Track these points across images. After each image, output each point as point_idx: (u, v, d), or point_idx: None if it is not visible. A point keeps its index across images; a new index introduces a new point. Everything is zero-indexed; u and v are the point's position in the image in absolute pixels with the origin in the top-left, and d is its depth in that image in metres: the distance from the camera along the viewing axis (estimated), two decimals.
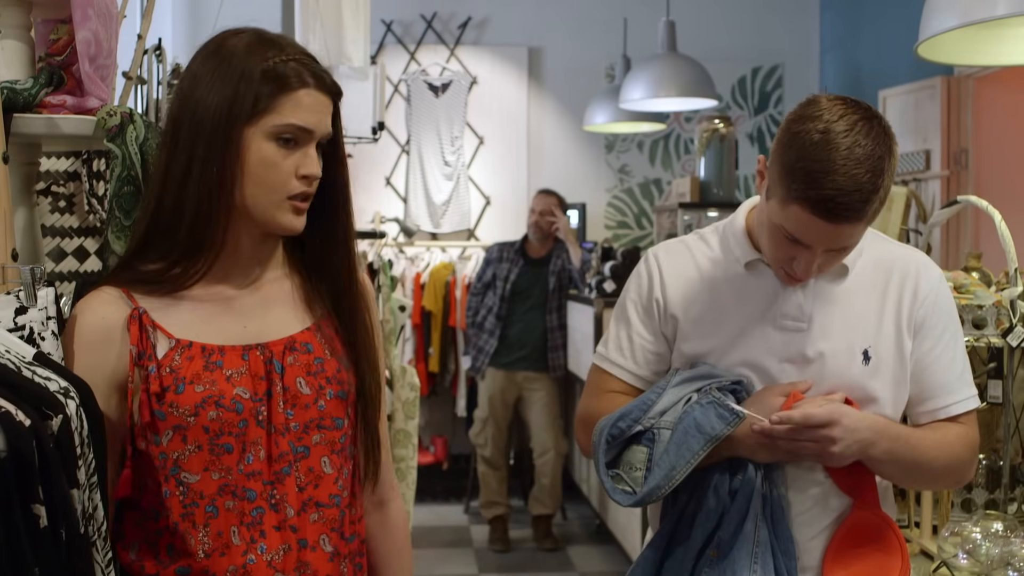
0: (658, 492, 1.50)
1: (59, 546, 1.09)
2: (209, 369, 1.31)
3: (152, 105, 2.29)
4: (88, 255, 1.84)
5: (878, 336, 1.59)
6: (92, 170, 1.89)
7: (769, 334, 1.60)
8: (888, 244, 1.70)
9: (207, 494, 1.30)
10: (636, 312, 1.70)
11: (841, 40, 6.04)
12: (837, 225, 1.45)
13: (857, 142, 1.42)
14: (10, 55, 1.62)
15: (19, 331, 1.28)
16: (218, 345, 1.33)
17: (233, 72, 1.29)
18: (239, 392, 1.31)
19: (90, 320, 1.32)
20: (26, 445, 1.05)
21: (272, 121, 1.30)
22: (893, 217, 3.47)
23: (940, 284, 1.65)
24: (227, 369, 1.32)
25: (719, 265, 1.66)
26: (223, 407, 1.30)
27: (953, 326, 1.65)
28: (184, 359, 1.31)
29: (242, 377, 1.32)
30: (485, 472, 5.21)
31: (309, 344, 1.38)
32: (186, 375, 1.30)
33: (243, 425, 1.31)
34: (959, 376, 1.64)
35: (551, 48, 6.34)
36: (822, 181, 1.41)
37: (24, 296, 1.30)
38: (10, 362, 1.16)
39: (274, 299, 1.40)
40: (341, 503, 1.38)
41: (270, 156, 1.30)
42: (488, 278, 5.27)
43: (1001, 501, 1.98)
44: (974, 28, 1.95)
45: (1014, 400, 1.97)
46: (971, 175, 4.53)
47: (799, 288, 1.60)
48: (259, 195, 1.31)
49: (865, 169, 1.41)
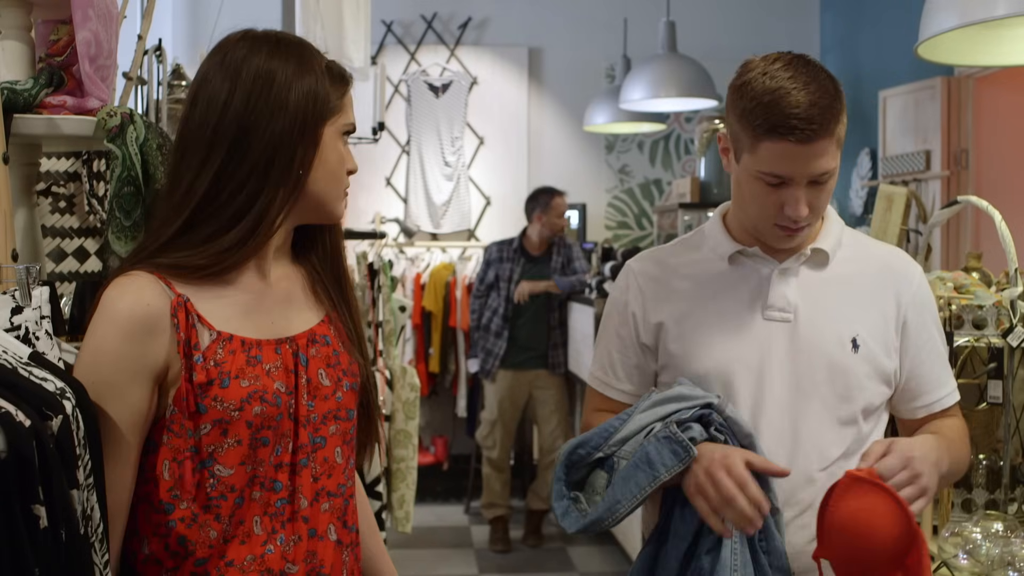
0: (600, 524, 1.48)
1: (59, 547, 1.09)
2: (251, 364, 1.31)
3: (152, 105, 2.29)
4: (88, 255, 1.84)
5: (865, 325, 1.60)
6: (92, 170, 1.89)
7: (756, 327, 1.60)
8: (868, 242, 1.72)
9: (238, 486, 1.29)
10: (614, 327, 1.71)
11: (841, 40, 6.04)
12: (808, 144, 1.48)
13: (799, 71, 1.51)
14: (10, 56, 1.62)
15: (15, 331, 1.28)
16: (255, 339, 1.33)
17: (309, 70, 1.35)
18: (278, 386, 1.32)
19: (132, 307, 1.27)
20: (26, 445, 1.05)
21: (342, 120, 1.38)
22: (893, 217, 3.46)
23: (922, 281, 1.67)
24: (266, 364, 1.32)
25: (701, 264, 1.67)
26: (267, 402, 1.30)
27: (937, 322, 1.68)
28: (227, 352, 1.30)
29: (278, 371, 1.33)
30: (489, 474, 5.20)
31: (327, 336, 1.41)
32: (231, 369, 1.29)
33: (279, 419, 1.31)
34: (944, 369, 1.67)
35: (551, 48, 6.34)
36: (781, 105, 1.48)
37: (19, 296, 1.30)
38: (7, 362, 1.16)
39: (292, 292, 1.42)
40: (346, 492, 1.40)
41: (341, 152, 1.38)
42: (491, 279, 5.25)
43: (1001, 501, 1.98)
44: (974, 28, 1.95)
45: (1014, 400, 1.97)
46: (971, 175, 4.53)
47: (783, 278, 1.60)
48: (330, 188, 1.38)
49: (817, 86, 1.49)
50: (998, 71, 4.18)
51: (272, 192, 1.32)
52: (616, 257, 4.93)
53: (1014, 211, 2.54)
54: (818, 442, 1.57)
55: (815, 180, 1.52)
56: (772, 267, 1.62)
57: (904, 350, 1.62)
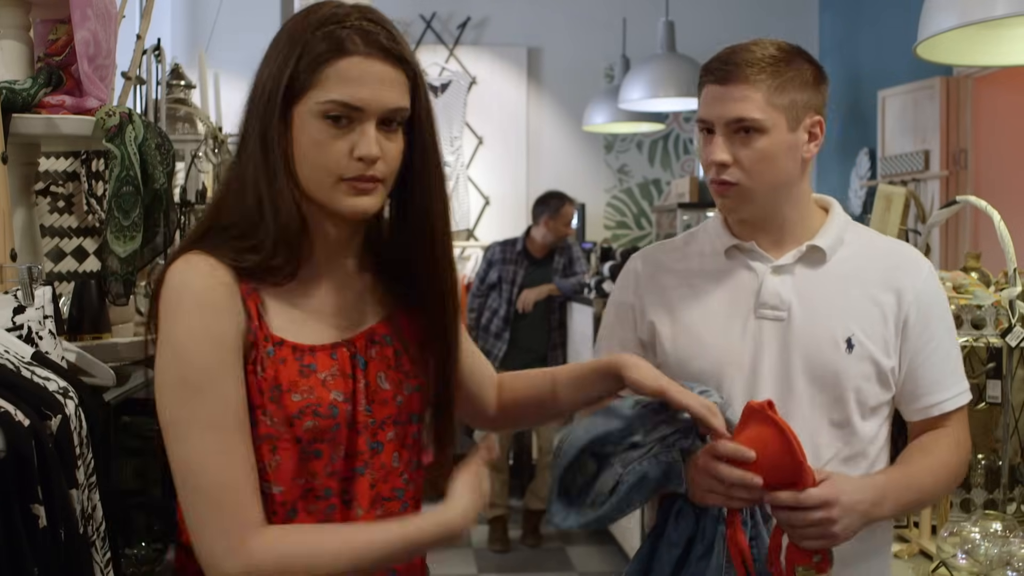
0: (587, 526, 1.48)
1: (59, 546, 1.09)
2: (304, 374, 1.20)
3: (151, 105, 2.29)
4: (87, 255, 1.84)
5: (861, 325, 1.55)
6: (91, 170, 1.89)
7: (749, 325, 1.58)
8: (874, 237, 1.69)
9: (289, 500, 1.20)
10: (612, 324, 1.71)
11: (840, 40, 6.04)
12: (724, 85, 1.52)
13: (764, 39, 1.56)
14: (9, 55, 1.62)
15: (17, 330, 1.28)
16: (308, 345, 1.22)
17: (282, 46, 1.19)
18: (335, 396, 1.21)
19: (206, 281, 1.16)
20: (25, 445, 1.05)
21: (315, 98, 1.17)
22: (892, 217, 3.46)
23: (930, 279, 1.61)
24: (321, 372, 1.21)
25: (697, 260, 1.66)
26: (320, 415, 1.20)
27: (944, 321, 1.61)
28: (277, 361, 1.19)
29: (335, 379, 1.22)
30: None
31: (388, 336, 1.30)
32: (282, 382, 1.19)
33: (335, 429, 1.21)
34: (951, 372, 1.60)
35: (550, 48, 6.34)
36: (722, 54, 1.55)
37: (22, 295, 1.30)
38: (9, 362, 1.16)
39: (355, 290, 1.30)
40: (404, 496, 1.31)
41: (318, 136, 1.18)
42: (493, 279, 5.24)
43: (1000, 501, 1.98)
44: (973, 28, 1.95)
45: (1013, 400, 1.97)
46: (970, 175, 4.53)
47: (777, 276, 1.58)
48: (313, 177, 1.19)
49: (770, 46, 1.54)
50: (997, 71, 4.18)
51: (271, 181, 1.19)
52: (615, 257, 4.93)
53: (1013, 211, 2.54)
54: (809, 443, 1.50)
55: (739, 129, 1.52)
56: (767, 264, 1.60)
57: (904, 350, 1.58)
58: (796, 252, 1.59)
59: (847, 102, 5.75)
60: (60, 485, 1.11)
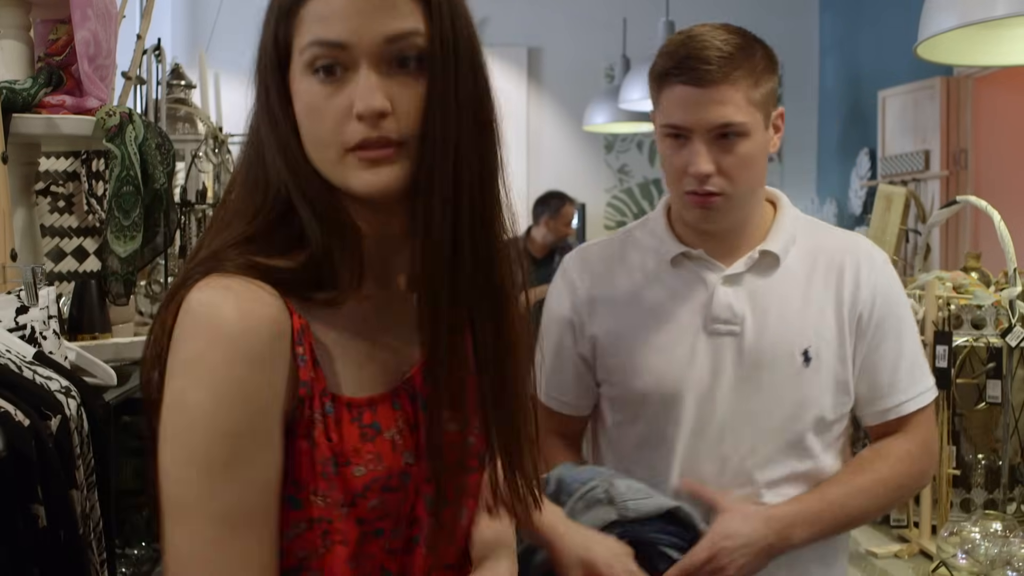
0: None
1: (58, 546, 1.09)
2: (367, 437, 0.90)
3: (151, 105, 2.29)
4: (87, 255, 1.84)
5: (818, 334, 1.45)
6: (91, 170, 1.89)
7: (700, 342, 1.45)
8: (825, 231, 1.55)
9: None
10: (559, 334, 1.56)
11: (840, 40, 6.04)
12: (704, 88, 1.37)
13: (720, 26, 1.44)
14: (9, 55, 1.62)
15: (20, 331, 1.28)
16: (366, 397, 0.91)
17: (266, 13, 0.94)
18: (406, 459, 0.92)
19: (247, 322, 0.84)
20: (25, 445, 1.05)
21: (297, 50, 0.90)
22: (892, 217, 3.47)
23: (884, 272, 1.50)
24: (387, 431, 0.91)
25: (643, 269, 1.52)
26: (390, 489, 0.91)
27: (900, 316, 1.49)
28: (333, 423, 0.89)
29: (402, 437, 0.92)
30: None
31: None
32: (341, 450, 0.89)
33: (403, 501, 0.93)
34: (909, 370, 1.49)
35: (551, 48, 6.34)
36: (682, 48, 1.40)
37: (25, 295, 1.30)
38: (11, 362, 1.16)
39: (407, 312, 0.97)
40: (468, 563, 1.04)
41: (309, 98, 0.89)
42: None
43: (1000, 501, 1.98)
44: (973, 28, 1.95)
45: (1013, 400, 1.97)
46: (970, 175, 4.53)
47: (728, 287, 1.46)
48: (317, 155, 0.90)
49: (727, 35, 1.41)
50: (997, 71, 4.17)
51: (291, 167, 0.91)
52: None
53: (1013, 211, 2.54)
54: (763, 465, 1.46)
55: (721, 135, 1.38)
56: (718, 273, 1.47)
57: (857, 350, 1.47)
58: (748, 259, 1.47)
59: (847, 102, 5.75)
60: (60, 485, 1.11)
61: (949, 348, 1.93)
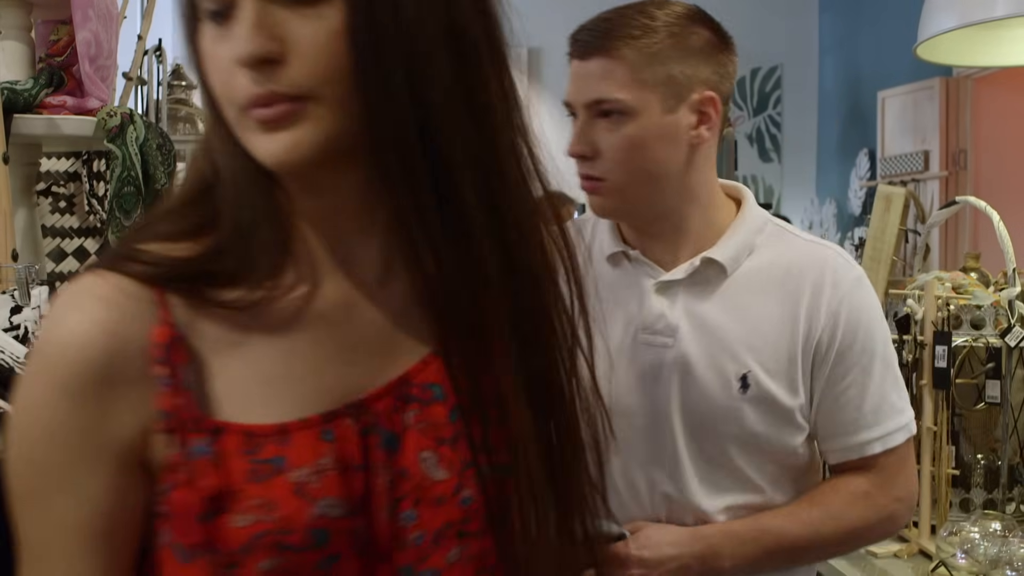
0: None
1: None
2: (257, 477, 0.69)
3: (152, 106, 2.30)
4: (88, 255, 1.85)
5: (762, 359, 1.27)
6: (92, 170, 1.90)
7: (633, 353, 1.29)
8: (791, 242, 1.35)
9: None
10: None
11: (840, 41, 6.05)
12: (583, 60, 1.30)
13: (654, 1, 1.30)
14: (10, 56, 1.63)
15: (14, 331, 1.28)
16: (275, 424, 0.70)
17: None
18: (323, 510, 0.70)
19: (89, 345, 0.68)
20: None
21: None
22: (891, 218, 3.47)
23: (853, 295, 1.30)
24: (294, 470, 0.69)
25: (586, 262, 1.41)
26: (290, 548, 0.69)
27: (867, 347, 1.30)
28: (208, 464, 0.69)
29: (325, 478, 0.70)
30: None
31: (436, 385, 0.77)
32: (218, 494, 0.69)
33: (331, 562, 0.71)
34: (875, 408, 1.31)
35: (551, 48, 6.32)
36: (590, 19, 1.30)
37: (19, 295, 1.31)
38: (4, 361, 1.17)
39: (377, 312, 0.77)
40: None
41: (205, 46, 0.71)
42: None
43: (999, 501, 1.99)
44: (973, 29, 1.95)
45: (1012, 400, 1.97)
46: (970, 176, 4.53)
47: (663, 295, 1.30)
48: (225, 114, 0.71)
49: (644, 7, 1.29)
50: (997, 71, 4.18)
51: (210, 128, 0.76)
52: None
53: (1012, 211, 2.54)
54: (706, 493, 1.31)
55: (602, 112, 1.28)
56: (654, 278, 1.32)
57: (814, 380, 1.29)
58: (688, 266, 1.30)
59: (847, 102, 5.76)
60: None
61: (948, 348, 1.94)
